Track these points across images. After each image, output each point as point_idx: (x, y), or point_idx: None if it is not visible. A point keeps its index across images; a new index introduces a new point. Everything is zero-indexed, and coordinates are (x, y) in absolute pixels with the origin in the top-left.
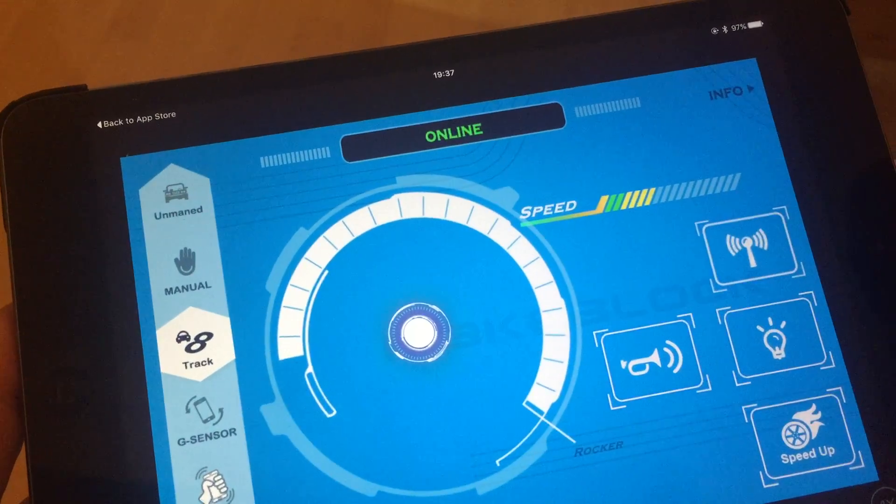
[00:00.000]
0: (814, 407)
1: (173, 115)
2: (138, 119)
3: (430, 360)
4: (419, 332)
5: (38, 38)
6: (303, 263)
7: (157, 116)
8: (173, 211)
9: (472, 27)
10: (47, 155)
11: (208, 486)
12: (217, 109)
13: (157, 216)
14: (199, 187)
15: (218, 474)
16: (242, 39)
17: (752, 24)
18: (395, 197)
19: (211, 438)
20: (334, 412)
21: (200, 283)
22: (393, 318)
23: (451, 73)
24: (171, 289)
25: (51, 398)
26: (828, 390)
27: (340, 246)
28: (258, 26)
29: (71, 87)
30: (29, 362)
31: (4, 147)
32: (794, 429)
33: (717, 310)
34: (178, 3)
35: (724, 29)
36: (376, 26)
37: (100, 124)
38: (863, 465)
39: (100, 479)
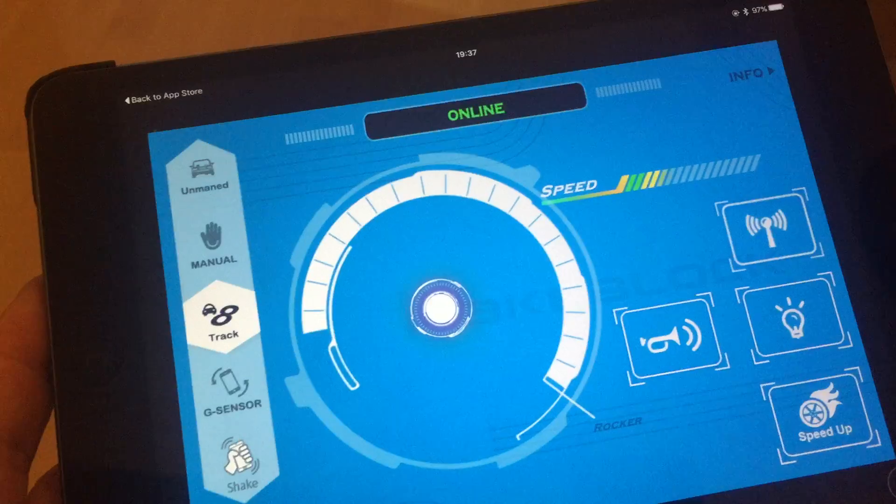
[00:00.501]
0: (831, 386)
1: (200, 91)
2: (165, 95)
3: (451, 335)
4: (441, 308)
5: (38, 38)
6: (327, 239)
7: (184, 93)
8: (200, 186)
9: None
10: (76, 130)
11: (234, 456)
12: (243, 86)
13: (184, 191)
14: (226, 163)
15: (243, 444)
16: (242, 39)
17: (773, 7)
18: (417, 175)
19: (236, 409)
20: (357, 385)
21: (226, 258)
22: (415, 294)
23: (473, 52)
24: (197, 262)
25: (80, 369)
26: (845, 370)
27: (364, 222)
28: (258, 26)
29: (99, 63)
30: (59, 333)
31: (35, 122)
32: (811, 407)
33: (735, 289)
34: (177, 3)
35: (745, 11)
36: (376, 26)
37: (128, 100)
38: (879, 444)
39: (127, 448)
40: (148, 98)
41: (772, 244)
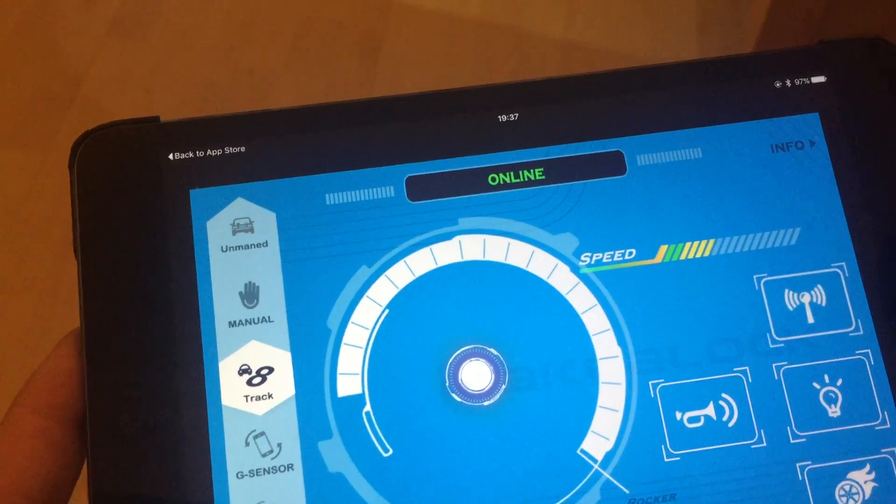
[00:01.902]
0: (868, 467)
1: (242, 149)
2: (208, 152)
3: (486, 403)
4: (476, 375)
5: (38, 38)
6: (364, 301)
7: (227, 150)
8: (239, 244)
9: (471, 27)
10: (119, 185)
11: None
12: (285, 145)
13: (224, 249)
14: (266, 222)
15: None
16: (242, 39)
17: (816, 79)
18: (456, 238)
19: (269, 473)
20: (391, 451)
21: (263, 318)
22: (451, 360)
23: (515, 116)
24: (234, 322)
25: (114, 426)
26: (882, 451)
27: (401, 285)
28: (258, 26)
29: (144, 118)
30: (94, 389)
31: (78, 175)
32: (847, 488)
33: (773, 365)
34: (177, 4)
35: (788, 83)
36: (376, 26)
37: (171, 156)
38: None
39: None
40: (191, 154)
41: (810, 320)
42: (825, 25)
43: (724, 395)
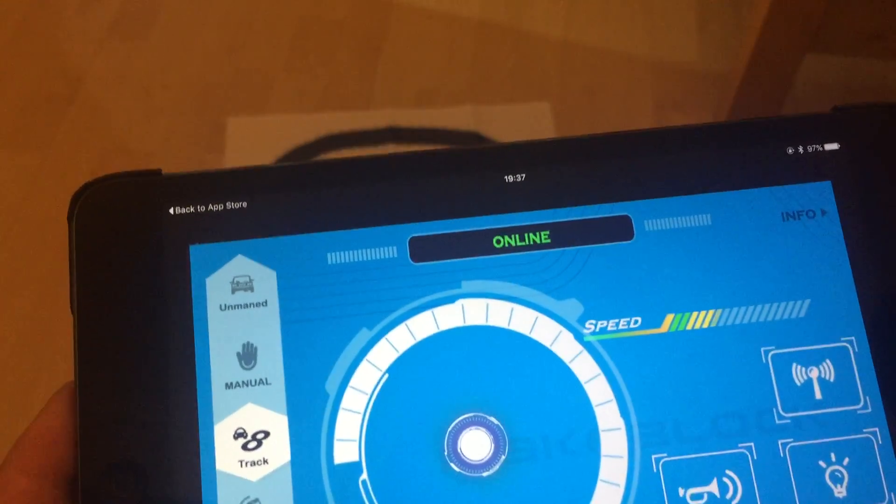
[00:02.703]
0: None
1: (244, 204)
2: (210, 207)
3: (485, 474)
4: (476, 445)
5: (38, 38)
6: (363, 365)
7: (229, 205)
8: (238, 303)
9: (471, 27)
10: (118, 238)
11: None
12: (288, 202)
13: (223, 308)
14: (266, 280)
15: None
16: (242, 40)
17: (829, 147)
18: (459, 302)
19: None
20: None
21: (261, 380)
22: (450, 428)
23: (522, 177)
24: (231, 383)
25: (106, 488)
26: None
27: (402, 350)
28: (258, 26)
29: (145, 170)
30: (87, 450)
31: (77, 228)
32: None
33: (779, 441)
34: (177, 4)
35: (801, 149)
36: (376, 26)
37: (171, 210)
38: None
39: None
40: (192, 209)
41: (818, 395)
42: (825, 26)
43: (728, 472)
